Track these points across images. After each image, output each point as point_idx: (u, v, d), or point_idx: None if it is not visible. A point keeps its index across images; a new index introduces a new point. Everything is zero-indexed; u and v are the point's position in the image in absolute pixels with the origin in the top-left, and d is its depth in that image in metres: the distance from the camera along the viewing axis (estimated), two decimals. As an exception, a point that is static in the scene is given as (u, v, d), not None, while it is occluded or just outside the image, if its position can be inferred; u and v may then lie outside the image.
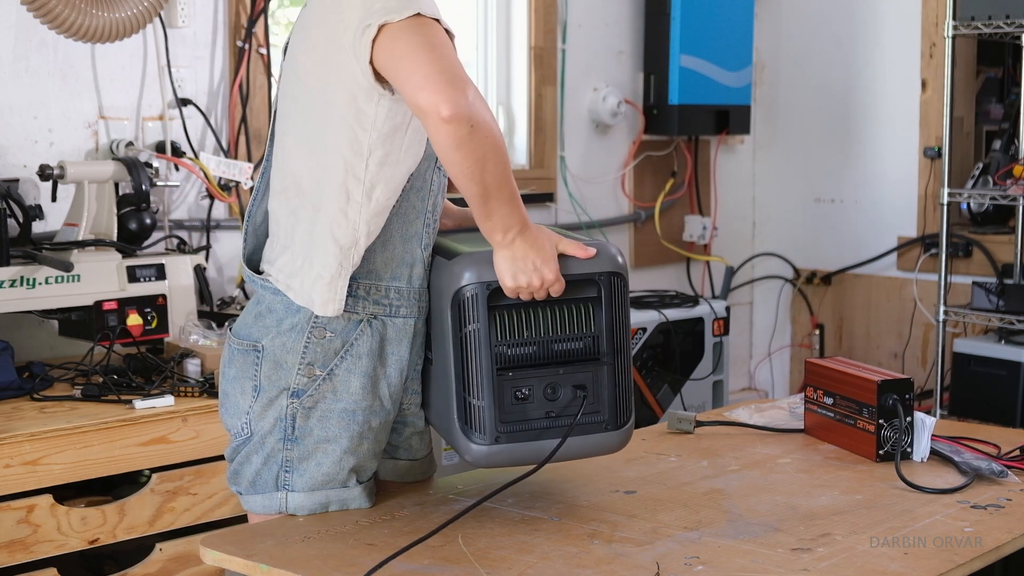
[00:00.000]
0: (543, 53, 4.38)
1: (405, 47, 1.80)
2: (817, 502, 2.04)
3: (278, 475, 1.99)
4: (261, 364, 1.99)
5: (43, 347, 3.18)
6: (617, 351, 1.94)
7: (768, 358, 5.17)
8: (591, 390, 1.93)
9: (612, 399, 1.94)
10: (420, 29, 1.80)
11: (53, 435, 2.57)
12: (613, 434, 1.96)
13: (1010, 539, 1.89)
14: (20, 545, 2.53)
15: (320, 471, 1.98)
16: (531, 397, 1.91)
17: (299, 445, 1.98)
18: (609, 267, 1.93)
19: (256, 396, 1.99)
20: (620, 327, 1.94)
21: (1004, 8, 3.87)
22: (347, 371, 1.97)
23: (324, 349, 1.96)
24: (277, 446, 1.98)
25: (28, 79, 3.22)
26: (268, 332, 1.99)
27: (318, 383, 1.97)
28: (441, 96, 1.76)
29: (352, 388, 1.97)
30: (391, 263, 1.99)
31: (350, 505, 2.00)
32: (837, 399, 2.37)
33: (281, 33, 4.08)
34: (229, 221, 3.61)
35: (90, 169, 3.13)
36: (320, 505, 1.99)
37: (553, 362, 1.92)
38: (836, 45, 4.89)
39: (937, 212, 4.17)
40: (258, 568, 1.76)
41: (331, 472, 1.98)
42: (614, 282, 1.93)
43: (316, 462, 1.98)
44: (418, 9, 1.81)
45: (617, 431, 1.96)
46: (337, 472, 1.98)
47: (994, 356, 4.04)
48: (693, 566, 1.75)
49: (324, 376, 1.97)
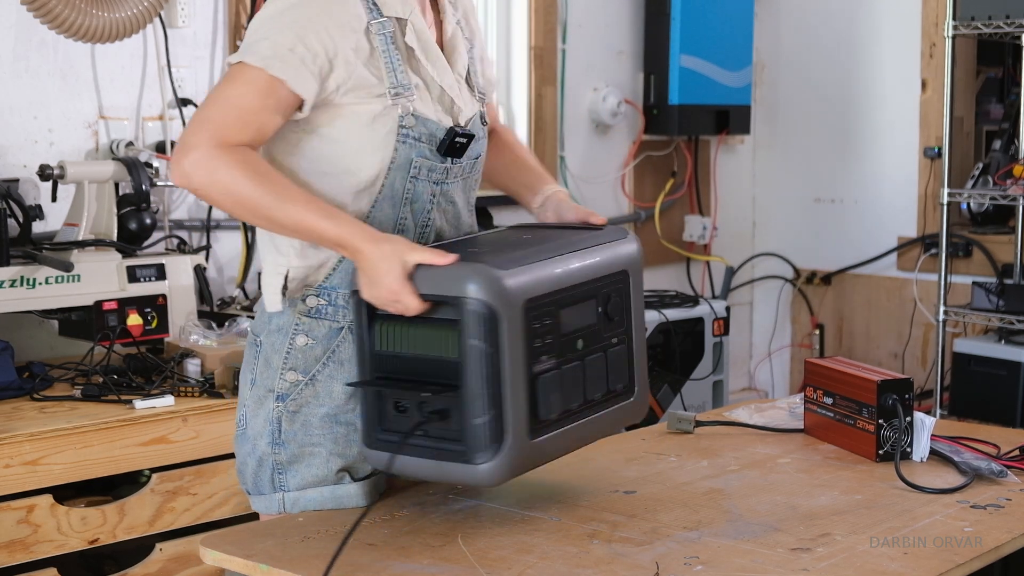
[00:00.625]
0: (543, 53, 4.38)
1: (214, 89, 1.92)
2: (817, 502, 2.04)
3: (272, 477, 2.02)
4: (258, 359, 2.04)
5: (43, 347, 3.19)
6: (486, 380, 1.79)
7: (768, 358, 5.17)
8: (453, 416, 1.83)
9: (470, 429, 1.80)
10: (230, 74, 1.90)
11: (53, 435, 2.57)
12: (472, 467, 1.82)
13: (1010, 539, 1.89)
14: (20, 545, 2.53)
15: (310, 472, 2.01)
16: (409, 411, 1.87)
17: (286, 449, 2.01)
18: (469, 292, 1.78)
19: (251, 389, 2.04)
20: (489, 361, 1.79)
21: (1004, 8, 3.87)
22: (329, 377, 2.00)
23: (305, 356, 1.99)
24: (267, 450, 2.01)
25: (28, 79, 3.22)
26: (264, 329, 2.04)
27: (300, 388, 2.00)
28: (173, 158, 1.88)
29: (334, 394, 2.00)
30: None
31: (346, 503, 2.01)
32: (837, 399, 2.37)
33: (281, 33, 4.08)
34: (229, 221, 3.61)
35: (90, 169, 3.13)
36: (316, 502, 2.01)
37: (421, 381, 1.85)
38: (836, 45, 4.89)
39: (937, 212, 4.17)
40: (258, 568, 1.76)
41: (320, 474, 2.01)
42: (478, 313, 1.78)
43: (305, 464, 2.01)
44: (242, 58, 1.88)
45: (477, 465, 1.82)
46: (326, 474, 2.01)
47: (994, 356, 4.04)
48: (693, 566, 1.75)
49: (307, 381, 2.00)
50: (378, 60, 1.93)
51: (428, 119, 1.97)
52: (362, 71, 1.92)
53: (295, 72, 1.86)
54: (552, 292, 1.88)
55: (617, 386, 2.01)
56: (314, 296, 1.99)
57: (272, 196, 1.85)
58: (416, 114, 1.96)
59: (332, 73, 1.89)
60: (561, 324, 1.89)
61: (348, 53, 1.90)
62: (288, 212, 1.86)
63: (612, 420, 2.02)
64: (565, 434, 1.92)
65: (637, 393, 2.06)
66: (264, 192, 1.85)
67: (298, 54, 1.86)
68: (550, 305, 1.87)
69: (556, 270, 1.89)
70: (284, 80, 1.86)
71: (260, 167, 1.87)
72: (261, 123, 1.87)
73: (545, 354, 1.86)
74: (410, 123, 1.95)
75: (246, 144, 1.86)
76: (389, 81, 1.94)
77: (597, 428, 2.00)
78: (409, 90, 1.95)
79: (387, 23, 1.94)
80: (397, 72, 1.94)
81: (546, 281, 1.86)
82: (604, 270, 1.97)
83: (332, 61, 1.89)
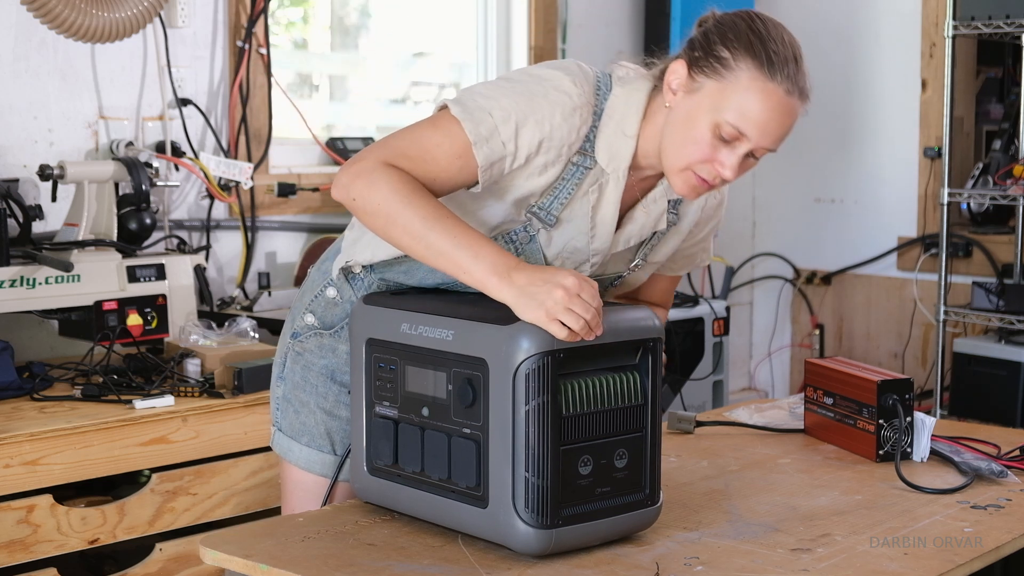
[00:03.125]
0: (543, 53, 4.38)
1: None
2: (817, 502, 2.04)
3: (273, 411, 2.12)
4: (305, 289, 2.12)
5: (43, 347, 3.19)
6: None
7: (768, 358, 5.17)
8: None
9: None
10: (438, 118, 1.87)
11: (53, 435, 2.57)
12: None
13: (1010, 539, 1.89)
14: (20, 545, 2.53)
15: (298, 419, 2.08)
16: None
17: (284, 384, 2.10)
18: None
19: (290, 314, 2.14)
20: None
21: (1004, 8, 3.87)
22: (338, 336, 2.06)
23: (327, 308, 2.06)
24: (277, 381, 2.11)
25: (28, 79, 3.22)
26: (325, 260, 2.10)
27: (311, 334, 2.07)
28: (339, 170, 1.85)
29: (339, 351, 2.06)
30: (404, 278, 2.03)
31: (328, 473, 2.06)
32: (837, 399, 2.37)
33: (281, 33, 4.08)
34: (229, 221, 3.61)
35: (90, 169, 3.13)
36: (304, 461, 2.07)
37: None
38: (836, 45, 4.89)
39: (937, 212, 4.18)
40: (258, 568, 1.76)
41: (308, 424, 2.07)
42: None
43: (294, 409, 2.08)
44: (459, 115, 1.83)
45: None
46: (313, 426, 2.07)
47: (994, 356, 4.04)
48: (693, 566, 1.75)
49: (319, 330, 2.07)
50: (552, 178, 1.90)
51: (539, 247, 1.94)
52: (537, 179, 1.89)
53: (491, 163, 1.84)
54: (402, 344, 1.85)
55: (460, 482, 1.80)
56: (361, 266, 2.03)
57: (422, 220, 1.77)
58: (533, 236, 1.93)
59: (518, 167, 1.87)
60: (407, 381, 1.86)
61: (542, 161, 1.88)
62: (433, 240, 1.77)
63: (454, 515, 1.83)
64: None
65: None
66: (415, 215, 1.77)
67: (507, 150, 1.84)
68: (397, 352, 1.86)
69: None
70: (479, 165, 1.83)
71: (421, 190, 1.80)
72: (437, 174, 1.83)
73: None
74: (524, 239, 1.94)
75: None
76: (544, 202, 1.92)
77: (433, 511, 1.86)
78: (551, 220, 1.92)
79: (588, 160, 1.91)
80: (557, 200, 1.92)
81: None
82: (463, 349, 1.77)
83: (528, 159, 1.87)
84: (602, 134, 1.90)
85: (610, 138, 1.90)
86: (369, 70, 4.35)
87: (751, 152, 1.87)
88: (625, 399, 1.79)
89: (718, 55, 1.85)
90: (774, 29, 1.88)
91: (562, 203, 1.91)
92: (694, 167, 1.86)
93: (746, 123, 1.83)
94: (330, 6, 4.23)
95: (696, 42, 1.89)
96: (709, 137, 1.84)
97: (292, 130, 3.84)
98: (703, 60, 1.86)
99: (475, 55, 4.42)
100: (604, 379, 1.77)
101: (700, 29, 1.91)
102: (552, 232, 1.93)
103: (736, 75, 1.83)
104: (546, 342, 1.70)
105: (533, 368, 1.69)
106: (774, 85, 1.83)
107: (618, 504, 1.80)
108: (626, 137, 1.91)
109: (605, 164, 1.91)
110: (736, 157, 1.85)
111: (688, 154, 1.85)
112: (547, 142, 1.86)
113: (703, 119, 1.84)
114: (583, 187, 1.92)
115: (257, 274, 3.58)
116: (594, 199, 1.92)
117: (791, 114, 1.86)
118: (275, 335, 3.31)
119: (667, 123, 1.89)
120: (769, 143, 1.86)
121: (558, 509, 1.73)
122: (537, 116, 1.85)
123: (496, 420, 1.73)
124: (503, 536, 1.75)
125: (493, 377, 1.73)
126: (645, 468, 1.82)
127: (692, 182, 1.88)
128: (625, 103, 1.91)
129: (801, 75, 1.86)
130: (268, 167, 3.70)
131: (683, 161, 1.86)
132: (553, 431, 1.71)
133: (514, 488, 1.72)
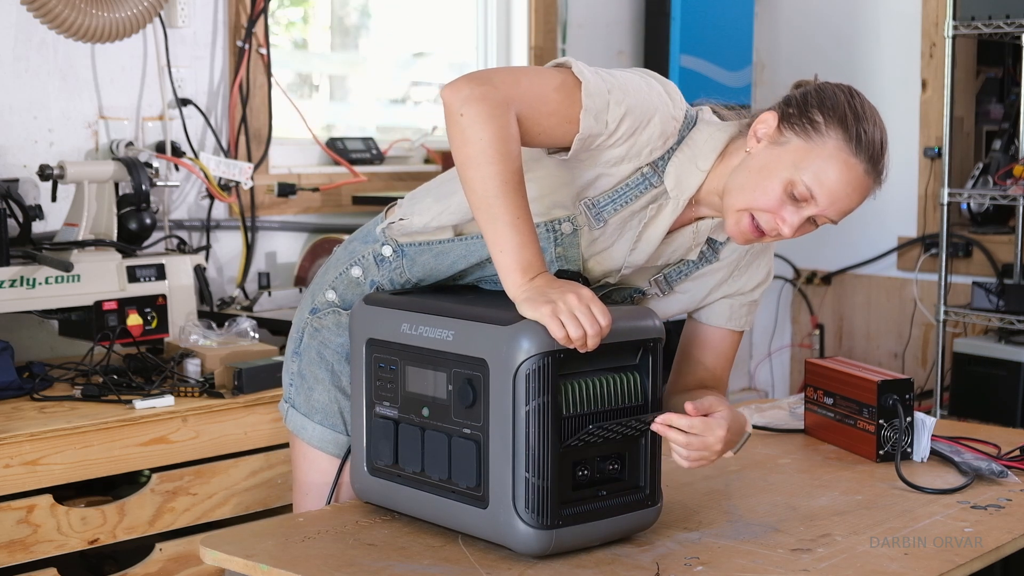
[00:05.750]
0: (543, 53, 4.38)
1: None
2: (817, 502, 2.04)
3: (286, 386, 2.11)
4: (329, 265, 2.10)
5: (43, 347, 3.19)
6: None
7: (768, 358, 5.17)
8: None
9: None
10: (559, 74, 1.84)
11: (53, 435, 2.57)
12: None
13: (1010, 539, 1.89)
14: (20, 545, 2.53)
15: (312, 395, 2.07)
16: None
17: (300, 359, 2.09)
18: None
19: (309, 289, 2.12)
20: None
21: (1004, 8, 3.87)
22: None
23: (349, 286, 2.06)
24: (292, 357, 2.10)
25: (28, 79, 3.22)
26: (356, 238, 2.08)
27: (330, 311, 2.06)
28: (465, 78, 1.79)
29: None
30: (430, 273, 2.03)
31: (341, 453, 2.05)
32: (837, 399, 2.37)
33: (281, 33, 4.08)
34: (229, 221, 3.61)
35: (90, 169, 3.13)
36: (317, 440, 2.06)
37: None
38: (836, 45, 4.89)
39: (937, 212, 4.17)
40: (258, 568, 1.76)
41: (323, 402, 2.06)
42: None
43: (308, 386, 2.08)
44: (583, 80, 1.83)
45: None
46: (328, 404, 2.06)
47: (994, 356, 4.05)
48: (693, 566, 1.75)
49: (339, 308, 2.06)
50: (618, 178, 1.91)
51: (578, 243, 1.94)
52: (612, 169, 1.90)
53: (591, 135, 1.84)
54: (404, 345, 1.86)
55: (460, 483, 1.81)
56: (392, 249, 2.02)
57: (503, 182, 1.75)
58: (576, 229, 1.93)
59: (603, 143, 1.86)
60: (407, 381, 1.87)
61: (625, 150, 1.88)
62: (496, 205, 1.76)
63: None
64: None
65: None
66: (499, 172, 1.75)
67: (608, 129, 1.84)
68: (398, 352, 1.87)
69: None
70: (579, 133, 1.83)
71: (518, 152, 1.78)
72: (543, 130, 1.83)
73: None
74: (568, 230, 1.93)
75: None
76: (600, 200, 1.92)
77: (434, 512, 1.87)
78: (600, 221, 1.92)
79: (656, 177, 1.92)
80: (613, 204, 1.92)
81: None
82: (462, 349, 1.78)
83: (615, 144, 1.87)
84: (675, 159, 1.92)
85: (682, 166, 1.92)
86: (369, 70, 4.35)
87: (813, 218, 1.89)
88: (625, 399, 1.80)
89: (812, 117, 1.88)
90: (870, 111, 1.94)
91: (616, 208, 1.92)
92: (755, 211, 1.88)
93: (820, 188, 1.86)
94: (330, 6, 4.23)
95: (793, 100, 1.92)
96: (780, 191, 1.86)
97: (292, 130, 3.84)
98: (795, 118, 1.89)
99: (475, 55, 4.42)
100: (604, 379, 1.78)
101: (799, 90, 1.95)
102: (596, 233, 1.94)
103: (824, 141, 1.87)
104: (546, 343, 1.70)
105: (533, 368, 1.70)
106: (856, 160, 1.88)
107: (618, 504, 1.80)
108: (698, 170, 1.93)
109: (671, 188, 1.93)
110: (799, 218, 1.88)
111: (754, 199, 1.87)
112: (639, 133, 1.87)
113: (780, 172, 1.86)
114: (641, 201, 1.93)
115: (257, 274, 3.57)
116: (649, 217, 1.94)
117: (863, 192, 1.91)
118: (275, 335, 3.32)
119: (741, 166, 1.90)
120: (834, 213, 1.89)
121: (558, 509, 1.73)
122: (644, 107, 1.87)
123: (496, 420, 1.73)
124: (503, 536, 1.75)
125: (493, 377, 1.73)
126: (645, 468, 1.83)
127: (745, 225, 1.89)
128: (706, 139, 1.94)
129: (883, 161, 1.93)
130: (268, 167, 3.70)
131: (746, 203, 1.88)
132: (553, 431, 1.71)
133: (514, 488, 1.72)
